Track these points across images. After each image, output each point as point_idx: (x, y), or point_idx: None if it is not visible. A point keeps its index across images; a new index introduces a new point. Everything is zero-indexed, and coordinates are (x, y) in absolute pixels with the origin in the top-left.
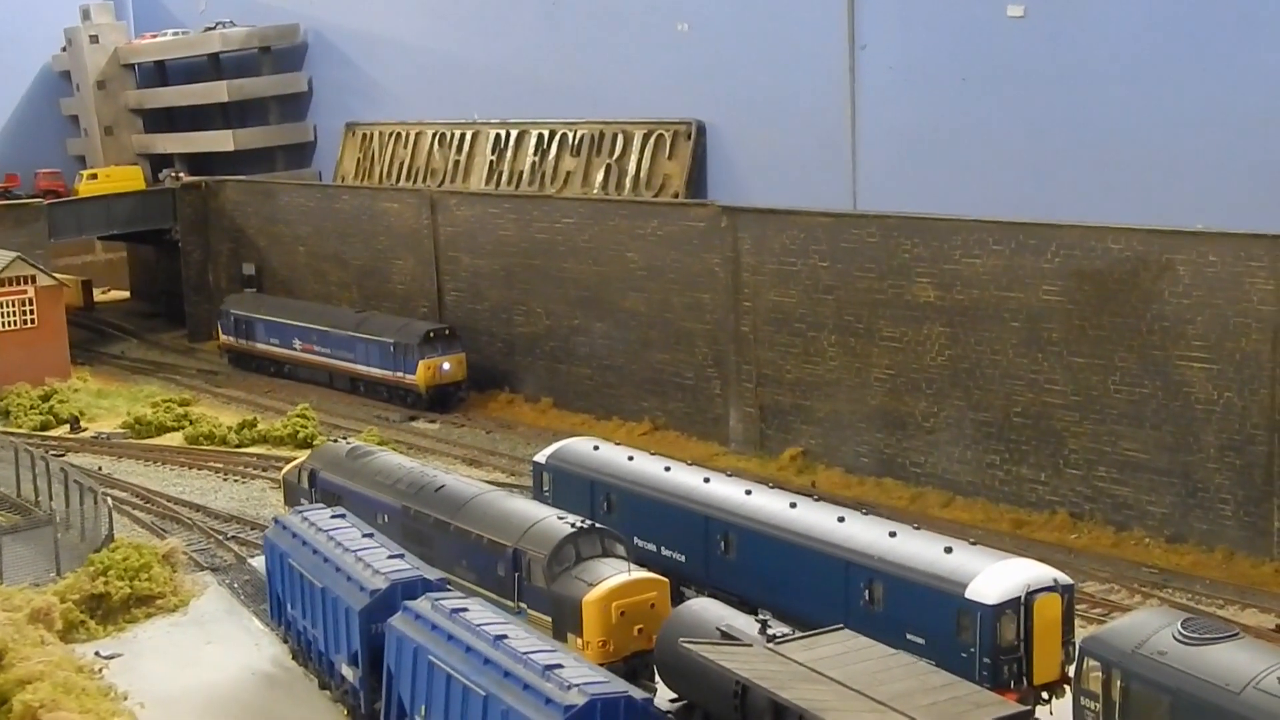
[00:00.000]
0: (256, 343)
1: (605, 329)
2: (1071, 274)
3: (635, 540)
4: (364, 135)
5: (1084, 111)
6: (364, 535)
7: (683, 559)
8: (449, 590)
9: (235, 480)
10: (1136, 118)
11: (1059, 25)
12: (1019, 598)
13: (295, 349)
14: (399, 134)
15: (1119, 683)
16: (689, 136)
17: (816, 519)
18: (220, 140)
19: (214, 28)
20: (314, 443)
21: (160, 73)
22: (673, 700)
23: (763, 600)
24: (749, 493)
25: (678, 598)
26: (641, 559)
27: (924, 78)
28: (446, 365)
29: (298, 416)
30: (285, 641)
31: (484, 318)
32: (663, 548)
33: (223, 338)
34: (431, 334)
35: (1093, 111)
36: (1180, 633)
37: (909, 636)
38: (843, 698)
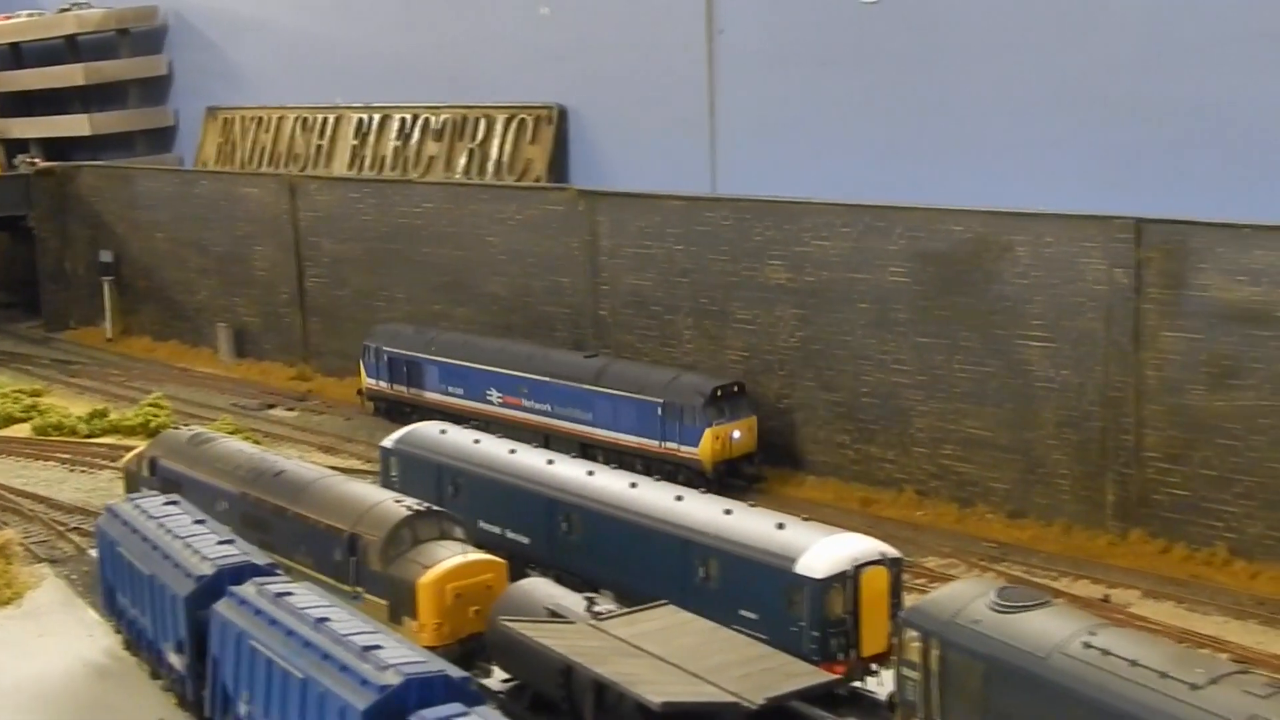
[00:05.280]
0: (426, 391)
1: (467, 314)
2: (917, 255)
3: (481, 523)
4: (225, 119)
5: (933, 95)
6: (195, 522)
7: (527, 541)
8: (278, 575)
9: (82, 471)
10: (983, 102)
11: (911, 10)
12: (846, 571)
13: (491, 402)
14: (261, 118)
15: (936, 651)
16: (551, 121)
17: (655, 498)
18: (77, 125)
19: (70, 9)
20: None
21: (15, 55)
22: (505, 681)
23: (605, 580)
24: (591, 474)
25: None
26: (487, 542)
27: (781, 62)
28: (737, 434)
29: (150, 406)
30: (118, 632)
31: (346, 304)
32: (508, 530)
33: (366, 381)
34: (719, 392)
35: (941, 96)
36: (995, 601)
37: (742, 612)
38: (658, 670)
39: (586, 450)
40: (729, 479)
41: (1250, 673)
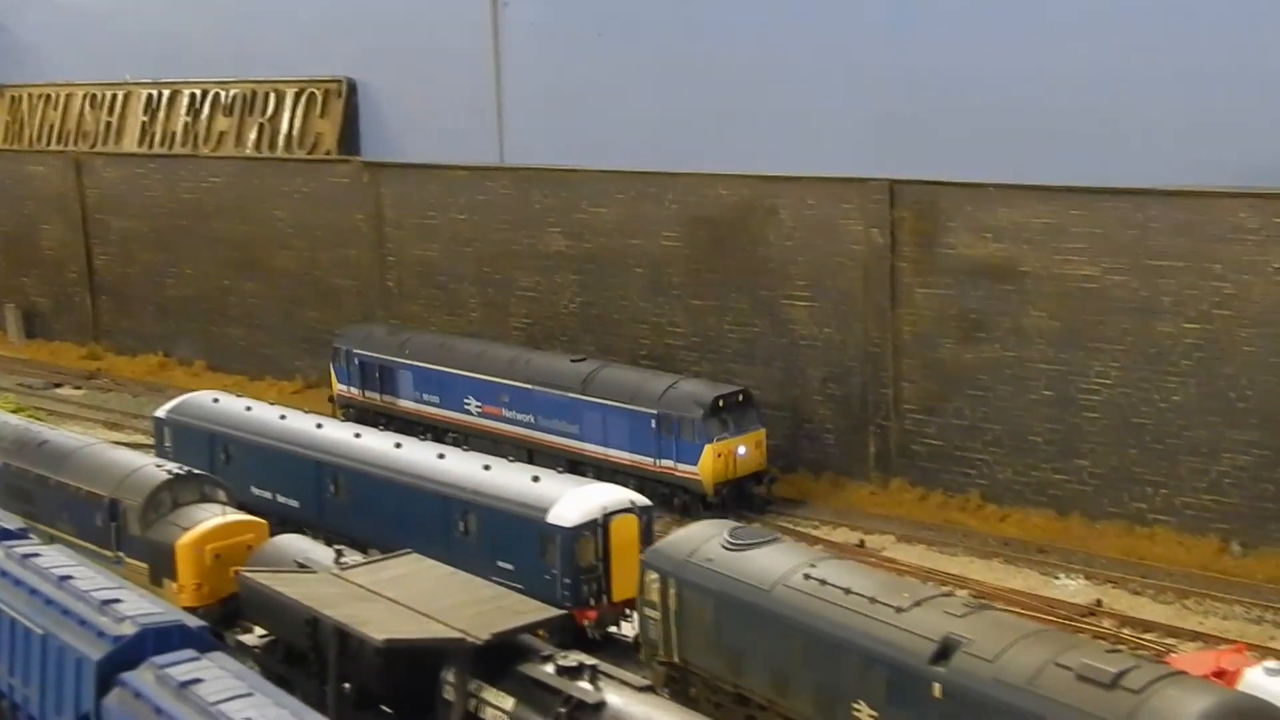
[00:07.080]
0: (400, 399)
1: (256, 288)
2: (688, 221)
3: (252, 489)
4: (13, 97)
5: (702, 64)
6: None
7: (297, 504)
8: (29, 538)
9: None
10: (749, 71)
11: None
12: (596, 520)
13: (470, 412)
14: (49, 95)
15: (674, 590)
16: (340, 94)
17: (418, 457)
18: None
19: None
20: None
21: None
22: (262, 636)
23: (373, 538)
24: (358, 436)
25: None
26: (259, 507)
27: (563, 33)
28: (742, 449)
29: None
30: None
31: (136, 281)
32: (278, 495)
33: (338, 387)
34: (721, 401)
35: (710, 65)
36: (726, 541)
37: (500, 562)
38: (391, 613)
39: (575, 468)
40: (733, 503)
41: (952, 595)
